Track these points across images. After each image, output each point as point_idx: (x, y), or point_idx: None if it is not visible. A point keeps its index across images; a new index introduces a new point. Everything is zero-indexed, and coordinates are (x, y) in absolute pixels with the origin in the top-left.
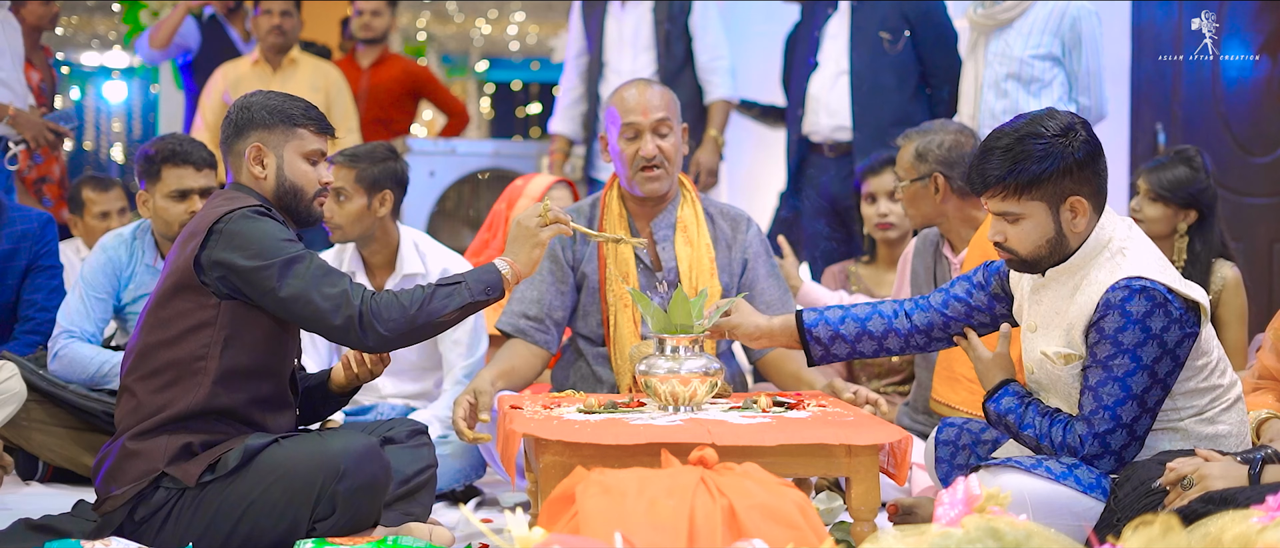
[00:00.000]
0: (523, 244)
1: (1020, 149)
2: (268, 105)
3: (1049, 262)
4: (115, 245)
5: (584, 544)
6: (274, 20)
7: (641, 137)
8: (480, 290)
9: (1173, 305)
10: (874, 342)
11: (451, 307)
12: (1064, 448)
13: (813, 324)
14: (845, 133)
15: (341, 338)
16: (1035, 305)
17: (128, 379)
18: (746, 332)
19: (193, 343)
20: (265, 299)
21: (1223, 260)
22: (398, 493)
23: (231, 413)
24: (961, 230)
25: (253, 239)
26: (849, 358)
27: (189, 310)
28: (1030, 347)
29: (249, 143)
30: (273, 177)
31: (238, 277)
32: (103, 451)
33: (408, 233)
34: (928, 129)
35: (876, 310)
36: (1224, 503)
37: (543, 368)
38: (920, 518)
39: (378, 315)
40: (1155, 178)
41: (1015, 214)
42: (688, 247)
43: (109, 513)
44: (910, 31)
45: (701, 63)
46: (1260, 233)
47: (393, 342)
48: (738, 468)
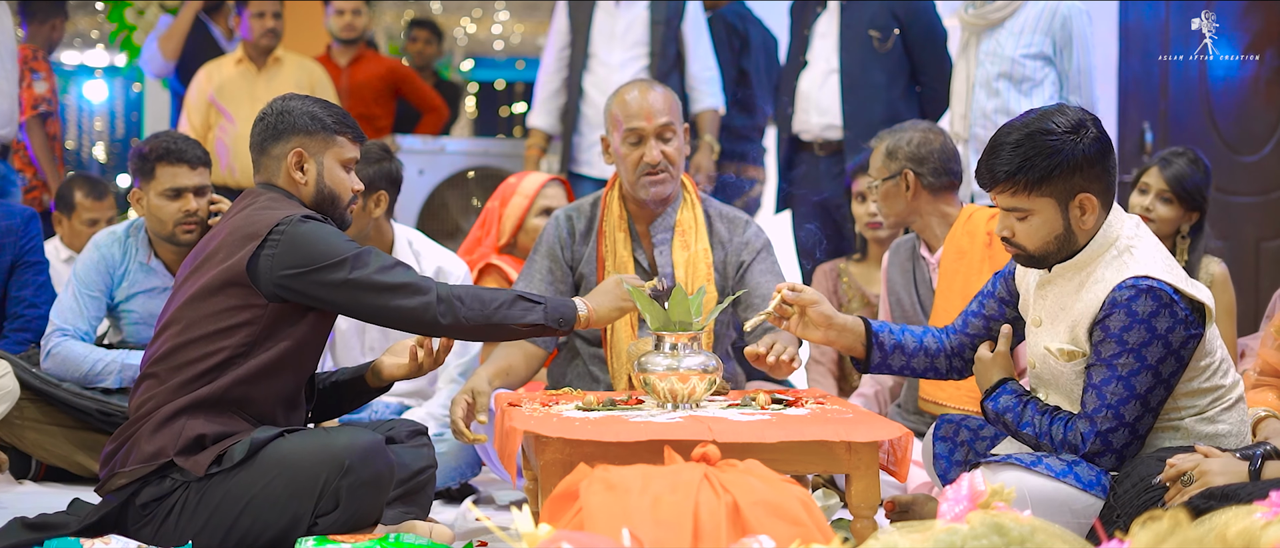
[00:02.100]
0: (610, 299)
1: (1030, 145)
2: (308, 112)
3: (1056, 257)
4: (108, 243)
5: (592, 541)
6: (268, 23)
7: (645, 142)
8: (555, 318)
9: (1179, 306)
10: (927, 358)
11: (526, 320)
12: (1065, 445)
13: (879, 328)
14: (836, 132)
15: (416, 318)
16: (1041, 300)
17: (154, 368)
18: (816, 315)
19: (231, 339)
20: (336, 292)
21: (1211, 257)
22: (398, 492)
23: (249, 404)
24: (936, 228)
25: (318, 239)
26: (898, 372)
27: (233, 309)
28: (1034, 341)
29: (289, 147)
30: (313, 183)
31: (303, 280)
32: (117, 434)
33: (402, 231)
34: (898, 129)
35: (930, 331)
36: (1225, 499)
37: (539, 367)
38: (917, 515)
39: (460, 299)
40: (1175, 180)
41: (1024, 210)
42: (685, 250)
43: (112, 491)
44: (900, 30)
45: (691, 72)
46: (1247, 232)
47: (465, 329)
48: (740, 465)
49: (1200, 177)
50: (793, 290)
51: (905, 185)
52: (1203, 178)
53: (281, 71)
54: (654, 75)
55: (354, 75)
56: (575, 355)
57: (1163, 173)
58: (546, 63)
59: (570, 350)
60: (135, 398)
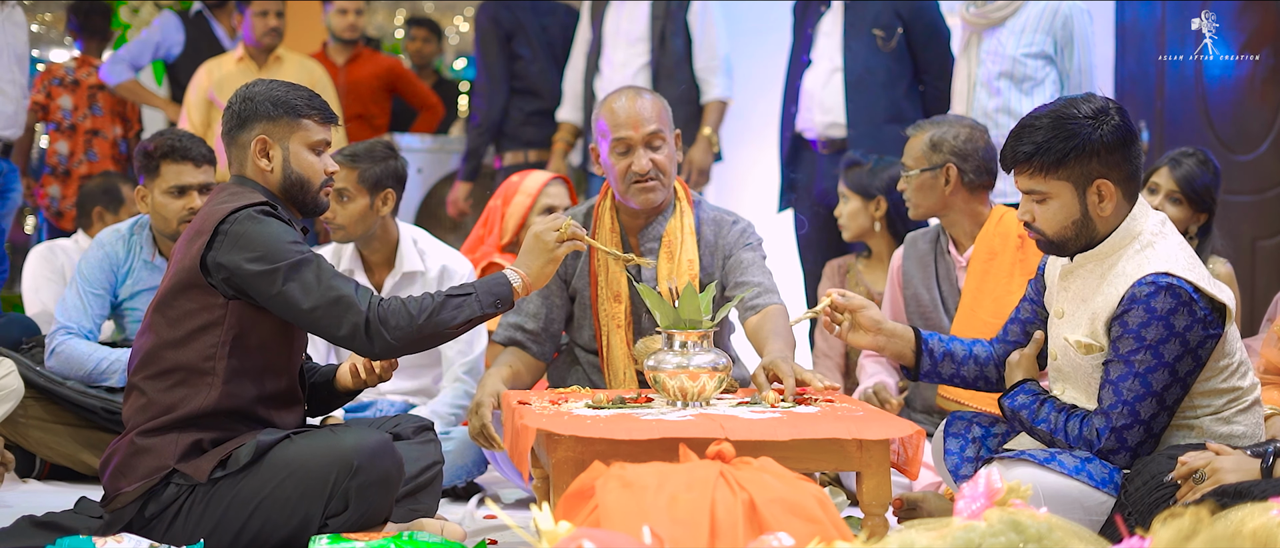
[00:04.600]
0: (537, 257)
1: (1051, 128)
2: (271, 96)
3: (1076, 245)
4: (112, 241)
5: (612, 539)
6: (271, 22)
7: (634, 151)
8: (490, 303)
9: (1198, 305)
10: (977, 367)
11: (460, 318)
12: (1080, 442)
13: (929, 337)
14: (839, 130)
15: (347, 344)
16: (1063, 291)
17: (135, 378)
18: (866, 320)
19: (201, 343)
20: (271, 303)
21: (1217, 258)
22: (406, 489)
23: (241, 411)
24: (967, 226)
25: (258, 241)
26: (948, 381)
27: (196, 310)
28: (1056, 333)
29: (253, 135)
30: (279, 169)
31: (243, 280)
32: (111, 447)
33: (407, 230)
34: (941, 121)
35: (979, 342)
36: (1238, 496)
37: (541, 374)
38: (925, 513)
39: (385, 322)
40: (1185, 181)
41: (1042, 193)
42: (669, 261)
43: (118, 509)
44: (903, 28)
45: (699, 63)
46: (1243, 231)
47: (399, 350)
48: (755, 463)
49: (1209, 177)
50: (842, 295)
51: (945, 179)
52: (1212, 178)
53: (282, 70)
54: (656, 71)
55: (351, 74)
56: (574, 362)
57: (1172, 173)
58: (575, 61)
59: (570, 357)
60: (125, 409)
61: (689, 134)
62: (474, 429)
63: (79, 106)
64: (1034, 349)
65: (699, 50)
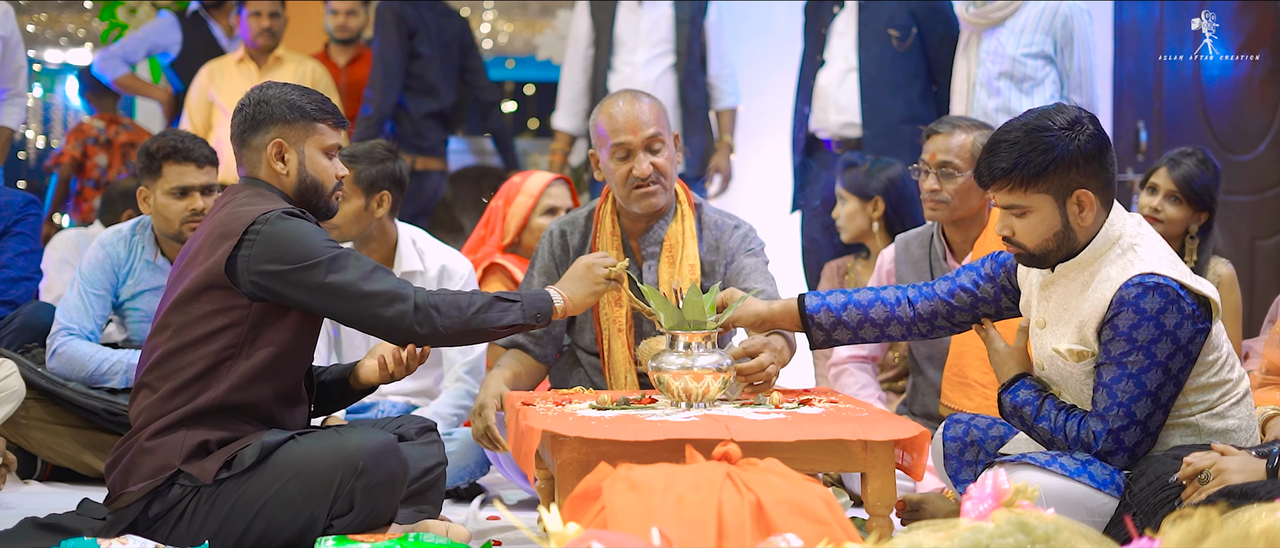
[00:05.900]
0: (582, 285)
1: (1027, 142)
2: (286, 100)
3: (1057, 256)
4: (114, 242)
5: (620, 540)
6: (264, 22)
7: (634, 156)
8: (532, 315)
9: (1186, 302)
10: (876, 329)
11: (505, 321)
12: (1078, 443)
13: (814, 309)
14: (854, 130)
15: (393, 327)
16: (1044, 301)
17: (147, 377)
18: (748, 320)
19: (218, 342)
20: (312, 295)
21: (1218, 258)
22: (410, 490)
23: (249, 409)
24: (973, 231)
25: (296, 239)
26: (850, 344)
27: (215, 312)
28: (1040, 343)
29: (268, 138)
30: (294, 173)
31: (279, 279)
32: (117, 447)
33: (406, 231)
34: (980, 122)
35: (879, 297)
36: (1244, 497)
37: (543, 376)
38: (928, 514)
39: (436, 307)
40: (1184, 181)
41: (1022, 207)
42: (670, 266)
43: (122, 509)
44: (918, 29)
45: (713, 70)
46: (1242, 231)
47: (444, 337)
48: (761, 464)
49: (1209, 177)
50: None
51: None
52: (1212, 178)
53: (282, 70)
54: (680, 74)
55: (351, 74)
56: (576, 364)
57: (1171, 173)
58: (569, 64)
59: (571, 358)
60: (133, 408)
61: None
62: (478, 431)
63: (113, 164)
64: (1022, 340)
65: (712, 58)
